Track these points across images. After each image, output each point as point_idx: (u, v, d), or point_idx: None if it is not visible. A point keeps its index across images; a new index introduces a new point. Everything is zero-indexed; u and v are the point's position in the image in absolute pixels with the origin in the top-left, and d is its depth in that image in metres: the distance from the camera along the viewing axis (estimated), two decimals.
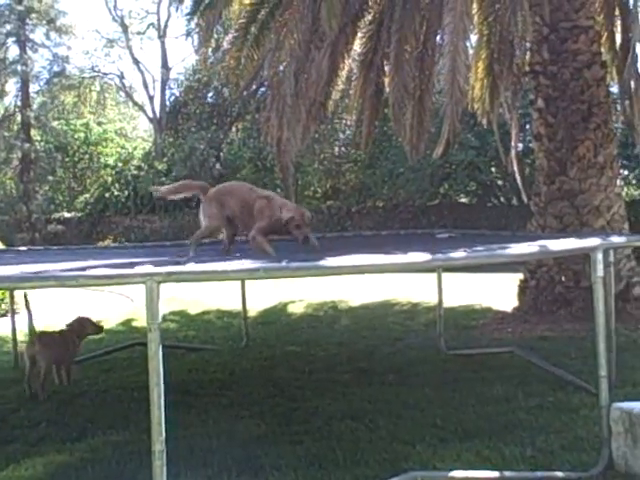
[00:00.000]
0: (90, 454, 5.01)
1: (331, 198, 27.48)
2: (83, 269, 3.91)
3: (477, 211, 24.40)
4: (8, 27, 30.79)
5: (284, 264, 3.51)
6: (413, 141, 11.08)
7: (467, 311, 11.14)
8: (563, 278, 9.61)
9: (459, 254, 3.81)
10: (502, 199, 24.70)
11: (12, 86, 32.46)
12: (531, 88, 10.81)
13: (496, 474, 4.20)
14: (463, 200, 25.95)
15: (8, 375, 7.86)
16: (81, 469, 4.69)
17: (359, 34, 11.00)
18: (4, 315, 11.73)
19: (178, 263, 4.57)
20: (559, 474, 4.26)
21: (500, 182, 24.11)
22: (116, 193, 29.20)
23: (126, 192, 28.97)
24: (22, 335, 9.46)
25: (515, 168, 11.83)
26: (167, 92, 34.30)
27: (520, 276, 10.35)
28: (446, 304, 8.91)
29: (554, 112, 9.90)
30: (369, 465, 4.60)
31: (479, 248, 4.02)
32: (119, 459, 4.84)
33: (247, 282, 9.10)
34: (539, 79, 10.14)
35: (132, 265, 3.74)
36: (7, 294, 10.49)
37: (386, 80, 10.82)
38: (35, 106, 31.95)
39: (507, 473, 4.22)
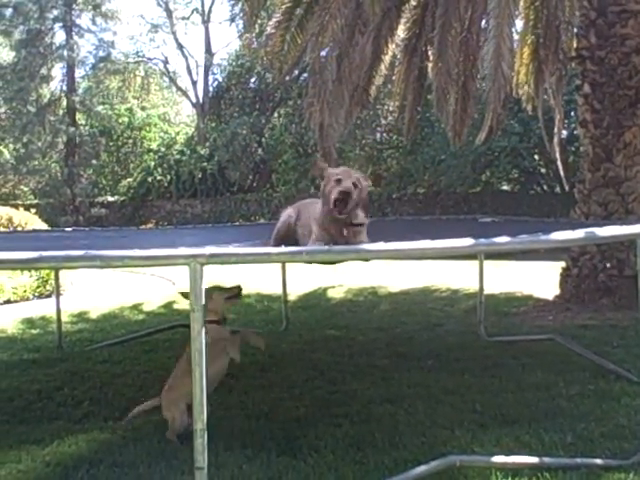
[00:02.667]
0: (132, 433, 5.07)
1: (372, 184, 27.42)
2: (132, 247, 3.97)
3: (519, 199, 24.20)
4: (55, 12, 31.15)
5: (326, 247, 3.53)
6: (456, 127, 11.03)
7: (508, 298, 11.07)
8: (608, 265, 9.50)
9: (503, 239, 3.78)
10: (545, 187, 24.47)
11: (58, 71, 32.86)
12: (577, 73, 10.68)
13: (535, 460, 4.18)
14: (505, 188, 25.76)
15: (53, 354, 7.97)
16: (123, 447, 4.76)
17: (403, 19, 10.95)
18: (49, 296, 11.94)
19: None
20: (598, 461, 4.23)
21: (543, 170, 23.89)
22: (158, 177, 29.46)
23: (168, 177, 29.22)
24: (66, 315, 9.67)
25: (558, 155, 11.74)
26: (210, 77, 34.52)
27: (562, 264, 10.25)
28: (486, 291, 8.85)
29: (601, 98, 9.76)
30: (408, 448, 4.61)
31: (523, 235, 3.99)
32: (160, 438, 4.89)
33: (287, 267, 9.15)
34: (586, 64, 10.00)
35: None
36: (52, 274, 10.66)
37: (429, 66, 10.78)
38: (80, 91, 32.32)
39: (546, 459, 4.20)
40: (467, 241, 3.74)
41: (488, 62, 8.19)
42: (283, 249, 3.55)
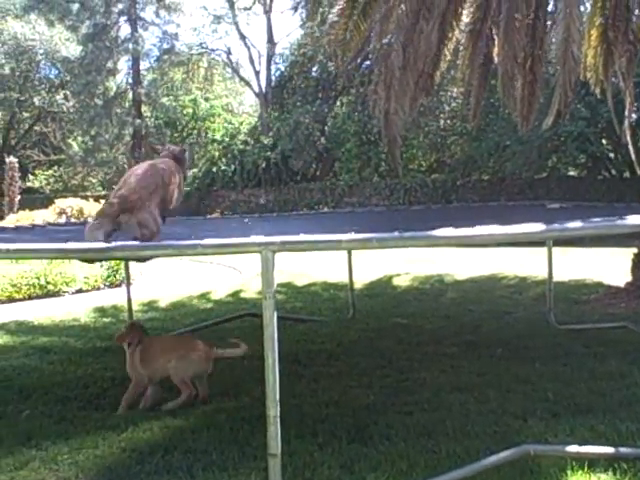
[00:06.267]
0: (204, 420, 5.14)
1: (436, 171, 27.27)
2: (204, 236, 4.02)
3: (587, 184, 23.75)
4: (120, 6, 31.64)
5: (397, 234, 3.52)
6: (523, 112, 10.82)
7: (578, 285, 10.90)
8: None
9: (576, 224, 3.72)
10: (613, 172, 23.97)
11: (124, 64, 33.40)
12: None
13: (612, 450, 4.11)
14: (572, 173, 25.31)
15: None
16: (197, 433, 4.82)
17: (467, 3, 10.80)
18: (119, 285, 12.16)
19: None
20: None
21: (611, 154, 23.39)
22: (223, 167, 29.71)
23: (233, 166, 29.44)
24: (136, 304, 9.84)
25: (628, 139, 11.46)
26: (273, 67, 34.67)
27: (633, 250, 10.04)
28: (556, 278, 8.73)
29: None
30: (480, 437, 4.57)
31: (596, 219, 3.92)
32: (232, 425, 4.95)
33: (353, 255, 9.15)
34: None
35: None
36: (122, 264, 10.85)
37: (495, 50, 10.61)
38: (145, 83, 32.77)
39: (623, 449, 4.12)
40: (539, 226, 3.68)
41: (557, 45, 8.05)
42: (353, 236, 3.55)
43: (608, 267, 11.52)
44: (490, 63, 10.97)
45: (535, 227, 3.67)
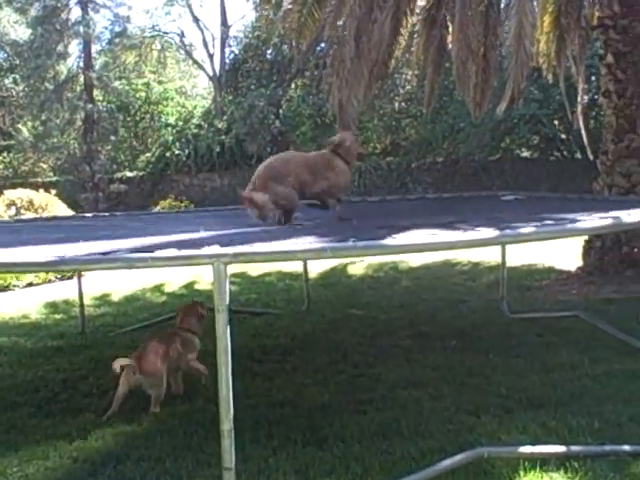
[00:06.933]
0: (157, 425, 5.08)
1: (390, 154, 27.30)
2: (151, 247, 3.96)
3: (539, 165, 24.06)
4: None
5: (351, 244, 3.49)
6: (477, 99, 10.88)
7: (530, 271, 11.02)
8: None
9: (529, 230, 3.74)
10: (565, 153, 24.25)
11: (74, 48, 32.75)
12: (598, 39, 10.52)
13: (563, 449, 4.15)
14: (525, 154, 25.57)
15: (76, 341, 7.99)
16: (150, 440, 4.76)
17: None
18: (71, 277, 11.99)
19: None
20: (627, 447, 4.20)
21: (563, 136, 23.65)
22: (177, 152, 29.42)
23: (186, 151, 29.17)
24: (88, 298, 9.71)
25: (581, 124, 11.59)
26: (227, 50, 34.25)
27: (584, 237, 10.16)
28: (508, 263, 8.79)
29: (624, 68, 9.61)
30: (434, 437, 4.59)
31: (549, 222, 3.94)
32: (186, 429, 4.90)
33: None
34: (609, 33, 9.82)
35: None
36: None
37: (449, 38, 10.61)
38: (97, 67, 32.19)
39: (574, 447, 4.17)
40: (493, 232, 3.70)
41: (510, 39, 8.09)
42: (307, 246, 3.52)
43: (560, 252, 11.64)
44: (445, 49, 10.99)
45: (490, 233, 3.69)
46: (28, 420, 5.36)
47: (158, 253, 3.53)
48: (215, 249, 3.54)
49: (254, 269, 12.26)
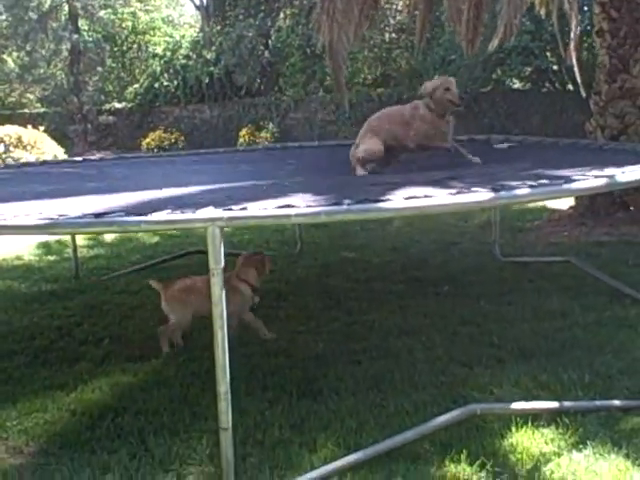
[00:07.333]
0: (154, 376, 5.13)
1: (381, 85, 26.99)
2: (144, 206, 3.94)
3: (531, 97, 23.86)
4: None
5: (345, 207, 3.48)
6: (469, 36, 10.73)
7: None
8: None
9: (524, 191, 3.73)
10: (557, 84, 24.06)
11: None
12: None
13: (555, 405, 4.22)
14: (517, 86, 25.37)
15: (70, 285, 8.01)
16: (147, 392, 4.81)
17: None
18: None
19: None
20: (617, 402, 4.27)
21: (555, 67, 23.42)
22: (165, 83, 28.99)
23: (175, 82, 28.75)
24: (81, 238, 9.67)
25: (574, 61, 11.45)
26: None
27: None
28: None
29: (618, 6, 9.47)
30: (427, 390, 4.64)
31: (544, 181, 3.93)
32: (182, 381, 4.96)
33: None
34: None
35: None
36: None
37: None
38: None
39: (566, 403, 4.23)
40: (488, 195, 3.69)
41: None
42: (302, 210, 3.50)
43: None
44: None
45: (485, 196, 3.68)
46: (25, 369, 5.42)
47: (152, 217, 3.52)
48: (209, 212, 3.53)
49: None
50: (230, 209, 3.59)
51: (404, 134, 6.58)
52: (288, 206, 3.58)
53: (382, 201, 3.63)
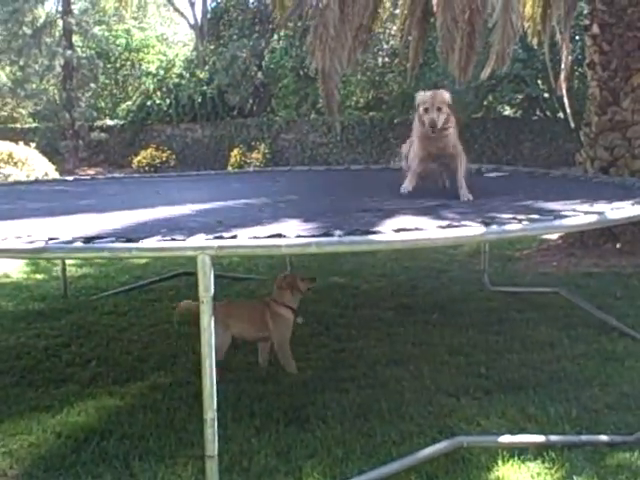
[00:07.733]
0: (140, 399, 5.11)
1: (373, 109, 27.13)
2: (135, 230, 3.94)
3: (522, 124, 24.09)
4: None
5: (336, 239, 3.49)
6: (461, 64, 10.80)
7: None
8: None
9: (515, 227, 3.76)
10: (548, 112, 24.24)
11: None
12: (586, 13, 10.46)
13: (542, 438, 4.22)
14: (507, 113, 25.55)
15: (58, 304, 7.98)
16: (133, 415, 4.79)
17: None
18: None
19: None
20: (604, 437, 4.28)
21: (546, 95, 23.60)
22: (158, 101, 29.11)
23: (168, 100, 28.85)
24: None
25: (564, 92, 11.55)
26: None
27: None
28: None
29: (609, 39, 9.57)
30: (414, 420, 4.64)
31: (535, 216, 3.96)
32: (169, 405, 4.94)
33: None
34: (595, 4, 9.77)
35: None
36: None
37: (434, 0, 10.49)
38: (76, 12, 31.55)
39: (552, 437, 4.24)
40: (479, 230, 3.72)
41: (497, 13, 7.99)
42: (292, 241, 3.51)
43: None
44: (430, 14, 10.86)
45: (476, 230, 3.70)
46: (10, 390, 5.39)
47: (142, 244, 3.52)
48: (199, 240, 3.54)
49: None
50: (221, 236, 3.61)
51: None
52: (279, 235, 3.59)
53: (373, 233, 3.64)
